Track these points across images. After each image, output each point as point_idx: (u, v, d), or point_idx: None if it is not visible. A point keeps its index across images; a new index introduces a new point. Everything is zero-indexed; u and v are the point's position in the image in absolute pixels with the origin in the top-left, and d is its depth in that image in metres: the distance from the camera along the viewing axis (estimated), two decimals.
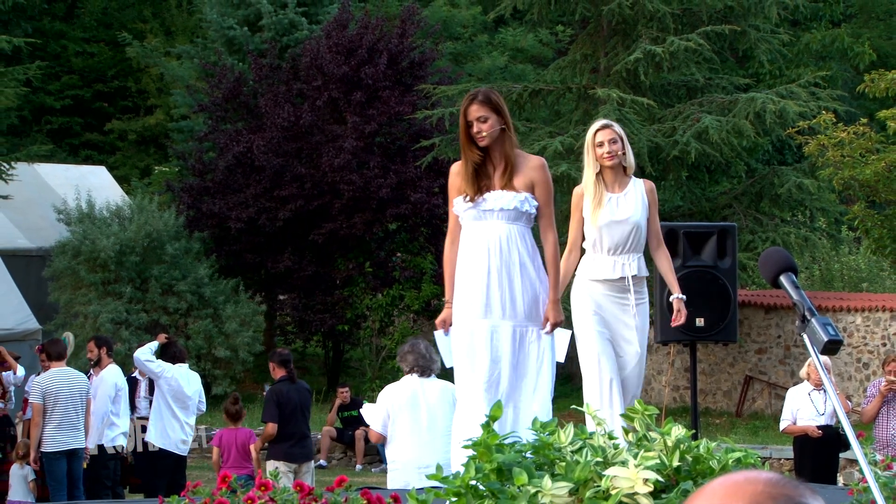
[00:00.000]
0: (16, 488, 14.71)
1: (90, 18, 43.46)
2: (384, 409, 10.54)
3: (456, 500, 4.78)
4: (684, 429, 5.09)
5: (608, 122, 9.18)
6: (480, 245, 7.89)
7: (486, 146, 7.97)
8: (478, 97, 8.01)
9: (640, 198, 9.06)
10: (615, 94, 24.12)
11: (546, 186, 8.04)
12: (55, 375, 14.33)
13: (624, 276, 8.94)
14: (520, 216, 7.92)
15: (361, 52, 29.04)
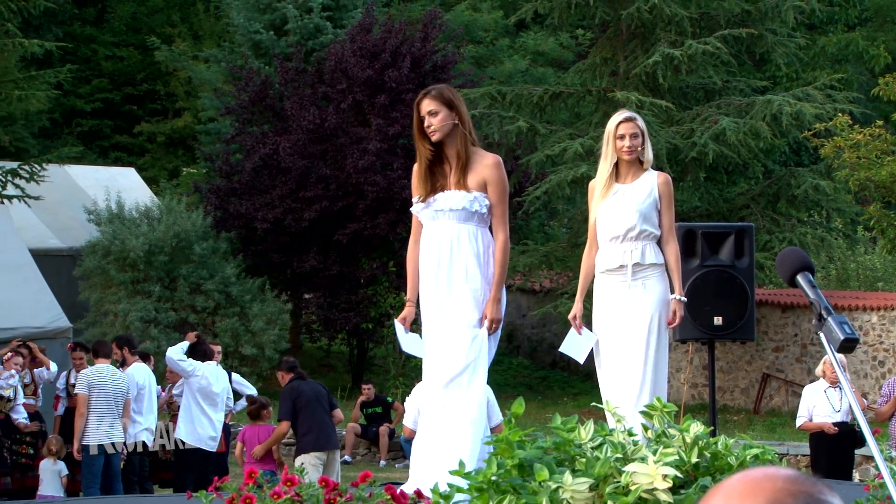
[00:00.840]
0: (47, 483, 14.74)
1: (120, 23, 43.56)
2: (415, 407, 11.02)
3: (478, 496, 4.78)
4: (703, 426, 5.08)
5: (632, 115, 8.85)
6: (432, 246, 7.75)
7: (440, 142, 7.72)
8: (430, 92, 7.82)
9: (650, 190, 8.74)
10: (634, 97, 24.10)
11: (499, 185, 7.72)
12: (101, 370, 14.43)
13: (623, 264, 8.63)
14: (471, 216, 7.69)
15: (385, 55, 29.06)
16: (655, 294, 8.63)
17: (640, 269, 8.63)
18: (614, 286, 8.67)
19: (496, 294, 7.67)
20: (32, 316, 21.14)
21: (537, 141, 25.59)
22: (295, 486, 4.79)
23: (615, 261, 8.65)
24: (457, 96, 7.85)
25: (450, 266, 7.66)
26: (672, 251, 8.75)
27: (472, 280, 7.63)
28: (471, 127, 7.81)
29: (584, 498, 4.60)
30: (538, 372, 31.23)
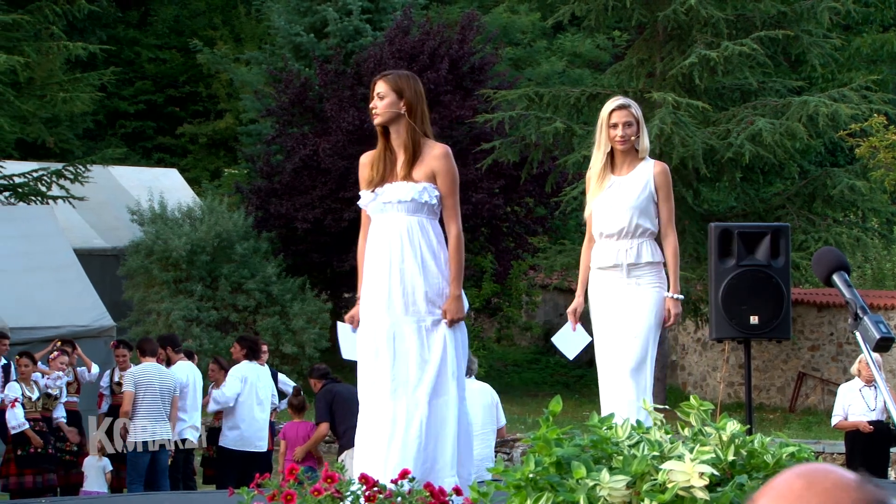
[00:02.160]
0: (92, 479, 14.80)
1: (162, 26, 43.72)
2: None
3: (516, 493, 4.78)
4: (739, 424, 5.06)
5: (625, 102, 8.34)
6: (382, 239, 7.33)
7: (385, 127, 7.42)
8: (385, 74, 7.49)
9: (646, 181, 8.28)
10: (671, 98, 24.06)
11: (448, 176, 7.35)
12: (147, 368, 14.49)
13: (618, 263, 8.24)
14: (420, 208, 7.28)
15: (423, 57, 29.07)
16: (650, 293, 8.24)
17: (635, 268, 8.26)
18: (608, 284, 8.31)
19: (455, 291, 7.31)
20: (77, 315, 21.24)
21: (574, 142, 25.56)
22: (335, 482, 4.80)
23: (609, 259, 8.29)
24: (411, 86, 7.40)
25: (402, 261, 7.24)
26: (670, 246, 8.40)
27: (430, 276, 7.26)
28: (423, 118, 7.41)
29: (622, 495, 4.59)
30: (575, 370, 31.19)
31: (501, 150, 26.16)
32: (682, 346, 29.54)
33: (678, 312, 8.28)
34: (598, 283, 8.36)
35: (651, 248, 8.29)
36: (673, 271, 8.32)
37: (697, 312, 25.55)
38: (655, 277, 8.27)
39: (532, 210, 30.46)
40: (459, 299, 7.31)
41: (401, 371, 7.17)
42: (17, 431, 15.18)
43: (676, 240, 8.46)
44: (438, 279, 7.29)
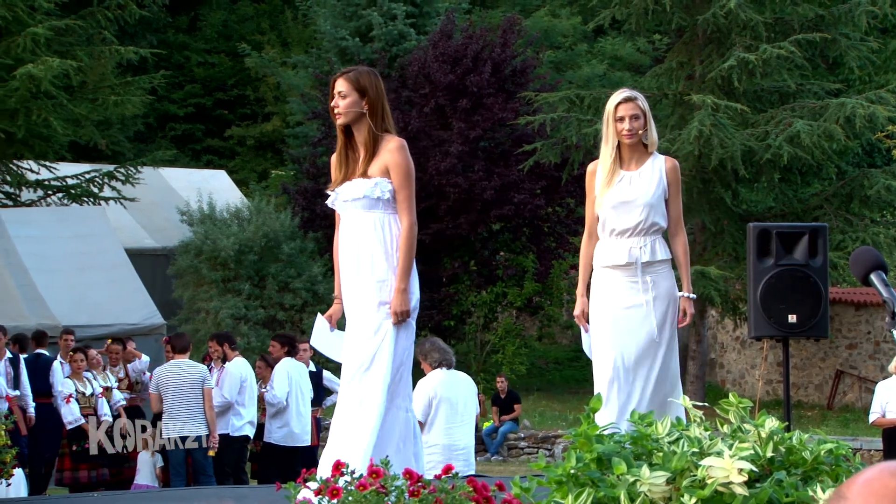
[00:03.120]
0: (144, 474, 14.85)
1: (211, 31, 43.88)
2: (428, 399, 11.10)
3: (557, 489, 4.77)
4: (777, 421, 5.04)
5: (632, 95, 7.88)
6: (344, 237, 7.20)
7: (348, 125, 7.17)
8: (346, 72, 7.22)
9: (658, 177, 7.87)
10: (710, 100, 23.99)
11: (401, 168, 7.13)
12: (170, 367, 14.51)
13: (632, 261, 7.79)
14: (375, 203, 7.09)
15: (466, 61, 29.07)
16: (663, 292, 7.85)
17: (649, 266, 7.83)
18: (617, 282, 7.85)
19: (400, 284, 7.04)
20: (128, 313, 21.35)
21: None
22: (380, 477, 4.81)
23: (621, 257, 7.82)
24: (374, 84, 7.20)
25: (358, 257, 7.11)
26: (681, 244, 7.98)
27: (378, 270, 7.06)
28: (385, 115, 7.21)
29: (662, 491, 4.58)
30: None
31: (543, 152, 26.14)
32: (721, 344, 29.43)
33: (692, 312, 7.91)
34: (605, 282, 7.90)
35: (662, 245, 7.91)
36: (685, 269, 7.97)
37: (736, 311, 25.44)
38: (667, 275, 7.90)
39: (573, 210, 30.42)
40: (404, 293, 7.04)
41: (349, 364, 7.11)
42: (74, 426, 15.27)
43: (686, 237, 8.09)
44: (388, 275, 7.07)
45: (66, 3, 28.47)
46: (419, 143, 29.08)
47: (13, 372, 16.10)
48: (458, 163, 28.33)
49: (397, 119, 28.93)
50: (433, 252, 29.38)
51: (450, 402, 11.19)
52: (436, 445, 11.07)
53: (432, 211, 28.78)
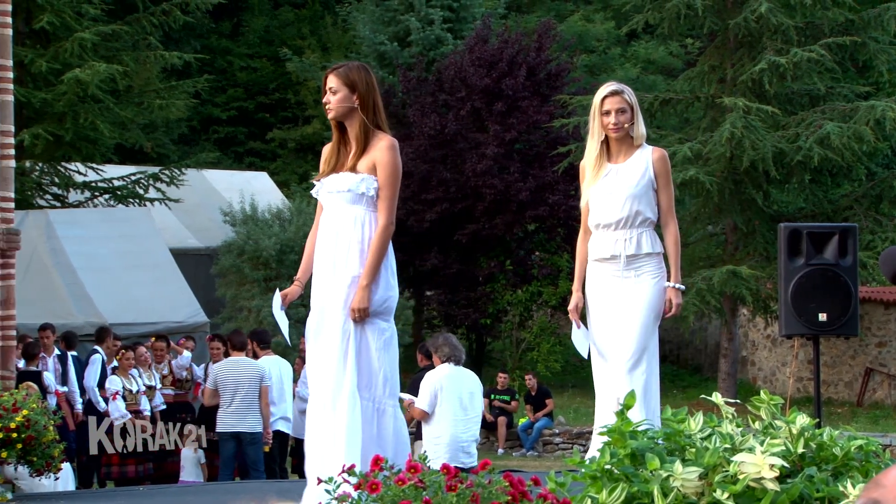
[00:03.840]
0: (188, 469, 14.89)
1: (254, 36, 43.99)
2: (433, 392, 11.43)
3: (591, 484, 4.77)
4: (808, 417, 5.02)
5: (618, 88, 7.63)
6: (324, 229, 7.04)
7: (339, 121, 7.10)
8: (337, 68, 7.12)
9: (644, 169, 7.60)
10: (741, 103, 23.92)
11: (387, 167, 7.04)
12: (228, 364, 14.55)
13: (616, 253, 7.58)
14: (359, 199, 6.98)
15: (502, 64, 29.06)
16: (649, 285, 7.61)
17: (634, 260, 7.60)
18: (606, 276, 7.66)
19: (364, 280, 6.86)
20: (172, 311, 21.43)
21: None
22: (418, 472, 4.81)
23: (606, 250, 7.63)
24: (364, 79, 7.08)
25: (335, 250, 6.96)
26: (671, 235, 7.70)
27: (351, 267, 6.91)
28: (377, 110, 7.12)
29: (694, 486, 4.57)
30: None
31: (577, 154, 26.09)
32: (752, 342, 29.34)
33: (679, 302, 7.62)
34: (594, 276, 7.72)
35: (650, 238, 7.64)
36: (674, 260, 7.68)
37: (767, 310, 25.36)
38: (654, 268, 7.64)
39: None
40: (366, 289, 6.85)
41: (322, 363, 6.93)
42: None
43: (677, 228, 7.78)
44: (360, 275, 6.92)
45: (113, 9, 28.60)
46: (456, 145, 29.09)
47: (61, 368, 16.20)
48: (493, 165, 28.33)
49: (435, 122, 28.95)
50: (470, 252, 29.40)
51: (455, 396, 11.46)
52: (441, 437, 11.36)
53: (469, 212, 28.79)
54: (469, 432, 11.53)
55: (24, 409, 9.33)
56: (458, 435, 11.42)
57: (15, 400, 9.42)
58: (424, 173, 28.91)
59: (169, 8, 28.03)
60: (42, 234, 22.01)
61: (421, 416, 11.64)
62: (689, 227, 27.03)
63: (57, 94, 25.56)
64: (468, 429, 11.53)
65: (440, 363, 11.66)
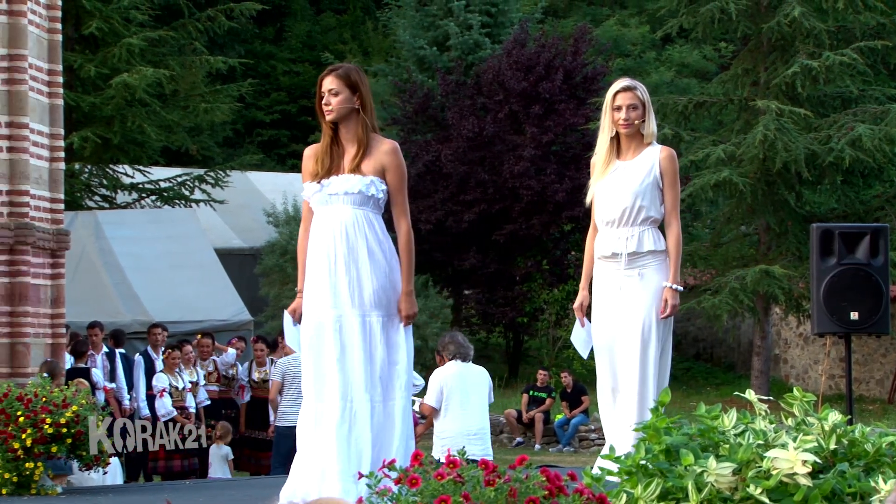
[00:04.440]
0: (216, 466, 14.89)
1: (296, 41, 44.10)
2: (440, 387, 11.74)
3: (627, 479, 4.77)
4: (840, 414, 5.01)
5: (631, 84, 7.41)
6: (326, 231, 6.79)
7: (336, 123, 6.85)
8: (336, 70, 6.93)
9: (650, 166, 7.37)
10: (774, 105, 23.83)
11: (397, 171, 6.83)
12: (296, 359, 14.49)
13: (617, 252, 7.36)
14: (366, 201, 6.76)
15: (539, 68, 29.04)
16: (653, 285, 7.35)
17: (636, 258, 7.36)
18: (609, 274, 7.43)
19: (408, 287, 6.82)
20: (217, 310, 21.51)
21: (682, 147, 25.40)
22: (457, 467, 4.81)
23: (608, 247, 7.42)
24: (363, 80, 6.94)
25: (347, 253, 6.75)
26: (673, 235, 7.42)
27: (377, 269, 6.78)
28: (372, 112, 6.94)
29: (728, 481, 4.56)
30: (683, 363, 30.98)
31: None
32: (785, 340, 29.23)
33: (676, 304, 7.34)
34: (598, 274, 7.51)
35: (654, 236, 7.40)
36: (674, 261, 7.38)
37: (800, 309, 25.25)
38: (659, 267, 7.39)
39: None
40: (411, 295, 6.86)
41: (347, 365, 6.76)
42: (167, 419, 15.40)
43: (679, 229, 7.50)
44: (385, 273, 6.82)
45: (160, 15, 28.75)
46: (493, 147, 29.08)
47: (109, 365, 16.28)
48: (530, 166, 28.31)
49: (473, 124, 28.95)
50: (507, 251, 29.39)
51: (462, 391, 11.73)
52: (450, 430, 11.68)
53: (506, 212, 28.79)
54: (477, 423, 11.80)
55: (74, 405, 9.39)
56: (465, 427, 11.70)
57: (65, 396, 9.48)
58: (463, 175, 28.91)
59: (214, 14, 28.16)
60: (91, 234, 22.12)
61: (429, 412, 11.94)
62: (723, 228, 26.94)
63: (105, 98, 25.71)
64: (476, 420, 11.80)
65: (447, 361, 11.92)
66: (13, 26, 14.49)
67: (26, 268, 14.54)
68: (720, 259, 26.42)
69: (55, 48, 15.59)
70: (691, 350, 31.51)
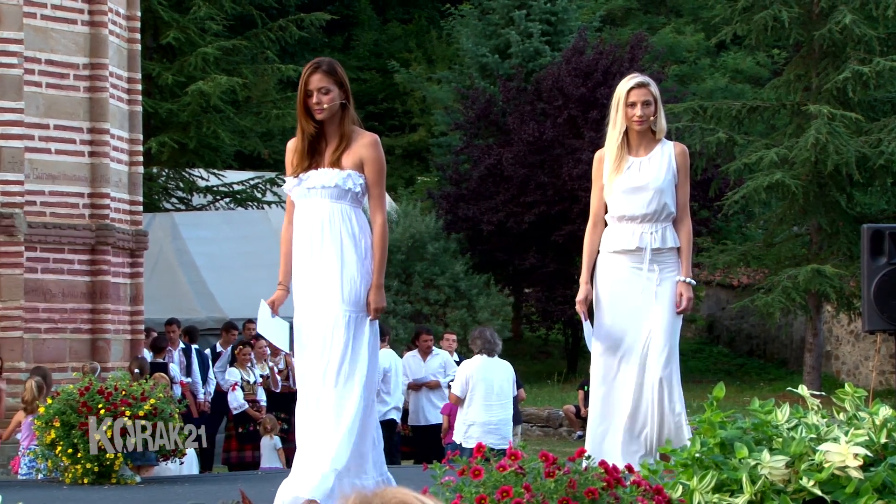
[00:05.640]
0: (266, 457, 14.94)
1: (363, 49, 44.24)
2: (465, 379, 12.22)
3: (683, 471, 4.75)
4: (890, 409, 4.97)
5: (644, 80, 7.18)
6: (305, 225, 6.57)
7: (322, 120, 6.58)
8: (322, 66, 6.63)
9: (667, 162, 7.07)
10: (826, 110, 23.67)
11: (376, 164, 6.59)
12: None
13: (643, 246, 7.00)
14: (344, 194, 6.51)
15: (597, 74, 28.97)
16: (669, 281, 7.04)
17: (658, 254, 7.05)
18: (623, 268, 7.09)
19: (378, 280, 6.56)
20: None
21: (735, 150, 25.29)
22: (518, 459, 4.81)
23: (631, 241, 7.04)
24: (345, 74, 6.75)
25: (322, 247, 6.53)
26: (685, 230, 7.13)
27: (348, 265, 6.51)
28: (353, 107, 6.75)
29: (781, 474, 4.54)
30: (736, 359, 30.81)
31: None
32: (836, 337, 29.00)
33: (690, 297, 7.06)
34: (609, 268, 7.15)
35: (672, 233, 7.12)
36: (686, 256, 7.10)
37: (851, 307, 25.06)
38: (676, 264, 7.11)
39: (696, 212, 30.17)
40: (381, 288, 6.59)
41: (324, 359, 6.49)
42: (239, 412, 15.50)
43: (691, 224, 7.24)
44: (356, 268, 6.53)
45: (233, 25, 28.92)
46: (553, 151, 29.05)
47: (185, 360, 16.41)
48: (588, 169, 28.18)
49: (533, 129, 28.94)
50: (566, 251, 29.34)
51: (486, 383, 12.13)
52: (472, 419, 12.11)
53: (565, 214, 28.74)
54: (497, 416, 12.14)
55: (152, 398, 9.48)
56: (488, 419, 12.07)
57: (143, 389, 9.57)
58: (523, 177, 28.90)
59: (285, 24, 28.30)
60: (168, 235, 22.29)
61: (455, 401, 12.44)
62: (776, 228, 26.76)
63: (182, 105, 25.90)
64: (497, 413, 12.14)
65: (475, 354, 12.36)
66: (95, 37, 14.64)
67: (107, 267, 14.70)
68: (773, 258, 26.27)
69: (134, 57, 15.74)
70: (745, 346, 31.34)
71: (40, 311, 14.24)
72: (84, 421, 9.24)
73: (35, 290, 14.16)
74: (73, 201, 14.51)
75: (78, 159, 14.56)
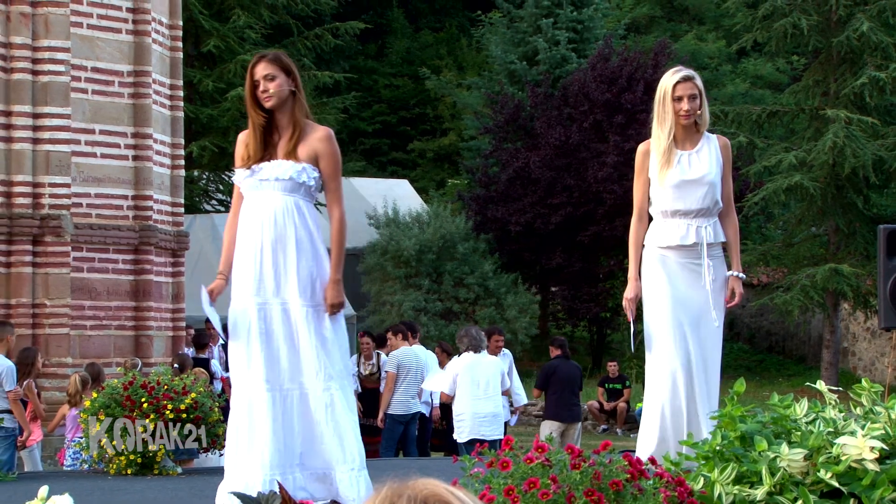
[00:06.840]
0: None
1: (396, 57, 44.28)
2: (452, 375, 12.48)
3: (704, 463, 4.74)
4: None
5: (690, 74, 6.71)
6: (255, 217, 6.19)
7: (273, 109, 6.23)
8: (266, 56, 6.30)
9: (715, 155, 6.72)
10: (843, 114, 23.60)
11: (331, 158, 6.23)
12: (407, 351, 14.47)
13: (699, 241, 6.66)
14: (297, 188, 6.17)
15: (622, 81, 28.93)
16: (721, 276, 6.75)
17: (711, 248, 6.73)
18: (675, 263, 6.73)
19: (335, 275, 6.23)
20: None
21: (755, 154, 25.23)
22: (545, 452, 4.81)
23: (687, 237, 6.69)
24: (293, 64, 6.37)
25: (275, 241, 6.16)
26: (732, 224, 6.83)
27: (304, 258, 6.18)
28: (304, 96, 6.38)
29: (799, 466, 4.53)
30: (756, 356, 30.71)
31: None
32: (853, 334, 28.88)
33: (741, 292, 6.78)
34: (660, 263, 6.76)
35: (720, 228, 6.79)
36: (736, 249, 6.85)
37: (867, 305, 24.97)
38: (723, 258, 6.84)
39: None
40: (338, 283, 6.23)
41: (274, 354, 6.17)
42: None
43: (736, 217, 6.91)
44: (312, 262, 6.22)
45: (271, 34, 28.97)
46: (579, 154, 29.02)
47: (225, 356, 16.45)
48: (613, 172, 28.20)
49: (560, 133, 28.91)
50: (591, 251, 29.32)
51: (473, 379, 12.36)
52: (464, 414, 12.36)
53: (591, 215, 28.71)
54: (486, 409, 12.36)
55: (193, 393, 9.52)
56: (477, 411, 12.30)
57: (184, 384, 9.61)
58: (550, 180, 28.88)
59: (321, 32, 28.35)
60: (208, 235, 22.36)
61: (445, 399, 12.78)
62: (794, 229, 26.69)
63: (222, 111, 25.97)
64: (485, 406, 12.35)
65: (463, 352, 12.54)
66: (139, 45, 14.70)
67: (150, 266, 14.76)
68: (792, 258, 26.19)
69: (176, 65, 15.80)
70: (764, 343, 31.23)
71: (86, 309, 14.31)
72: (129, 414, 9.28)
73: (81, 288, 14.23)
74: (118, 203, 14.58)
75: (122, 163, 14.63)
